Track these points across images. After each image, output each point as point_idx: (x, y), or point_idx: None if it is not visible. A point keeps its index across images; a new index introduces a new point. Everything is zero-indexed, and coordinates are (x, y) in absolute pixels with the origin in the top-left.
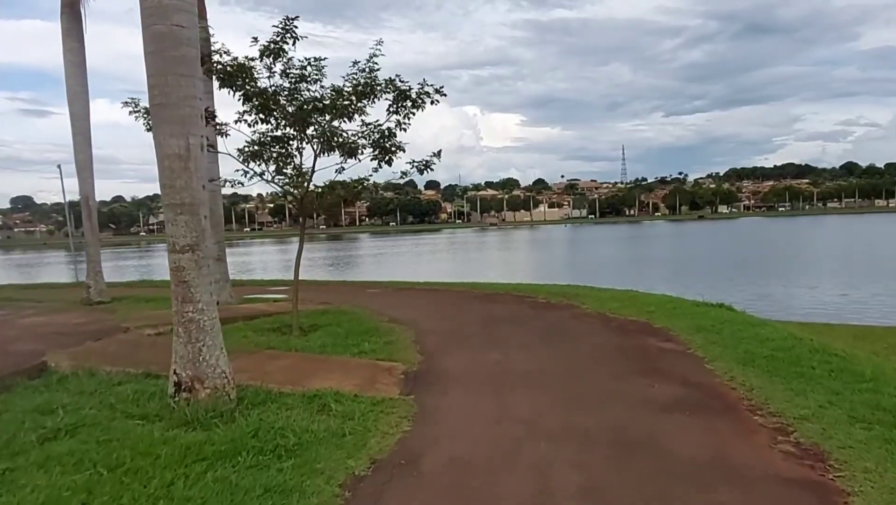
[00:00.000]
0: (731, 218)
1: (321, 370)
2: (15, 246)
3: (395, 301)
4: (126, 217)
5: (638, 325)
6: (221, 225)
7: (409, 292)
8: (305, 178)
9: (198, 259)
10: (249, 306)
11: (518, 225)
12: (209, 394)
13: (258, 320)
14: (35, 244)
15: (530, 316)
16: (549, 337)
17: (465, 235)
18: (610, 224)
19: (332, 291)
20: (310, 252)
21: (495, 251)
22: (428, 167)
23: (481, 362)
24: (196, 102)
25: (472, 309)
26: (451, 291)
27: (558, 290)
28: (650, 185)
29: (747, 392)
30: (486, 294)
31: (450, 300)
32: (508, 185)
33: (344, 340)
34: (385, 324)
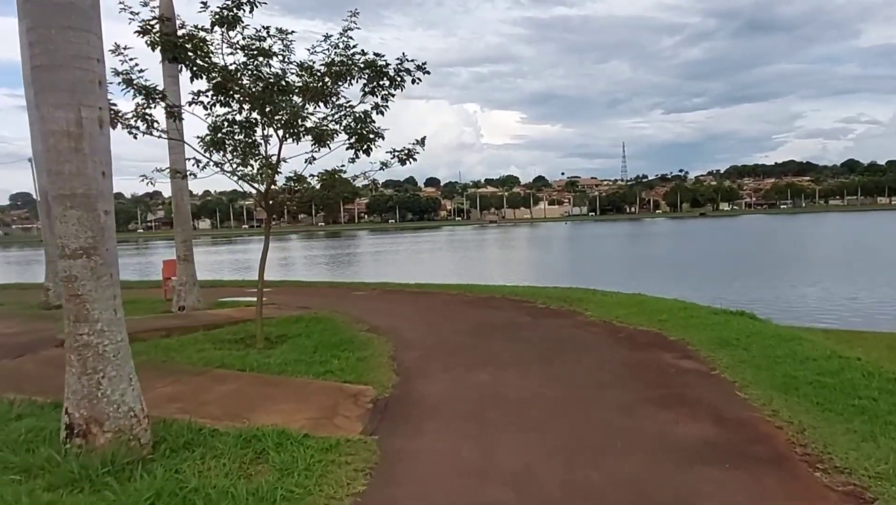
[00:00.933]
0: (732, 215)
1: (273, 398)
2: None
3: (380, 306)
4: (124, 214)
5: (649, 336)
6: (189, 223)
7: (398, 296)
8: (272, 169)
9: (95, 266)
10: (217, 312)
11: (518, 222)
12: (110, 439)
13: (222, 329)
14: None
15: (528, 325)
16: (548, 352)
17: (465, 233)
18: (610, 221)
19: (316, 293)
20: (305, 250)
21: (494, 250)
22: (411, 156)
23: (467, 386)
24: (92, 65)
25: (464, 316)
26: (444, 295)
27: (559, 293)
28: (651, 183)
29: (797, 434)
30: (481, 298)
31: (440, 305)
32: (508, 183)
33: (311, 356)
34: (363, 334)
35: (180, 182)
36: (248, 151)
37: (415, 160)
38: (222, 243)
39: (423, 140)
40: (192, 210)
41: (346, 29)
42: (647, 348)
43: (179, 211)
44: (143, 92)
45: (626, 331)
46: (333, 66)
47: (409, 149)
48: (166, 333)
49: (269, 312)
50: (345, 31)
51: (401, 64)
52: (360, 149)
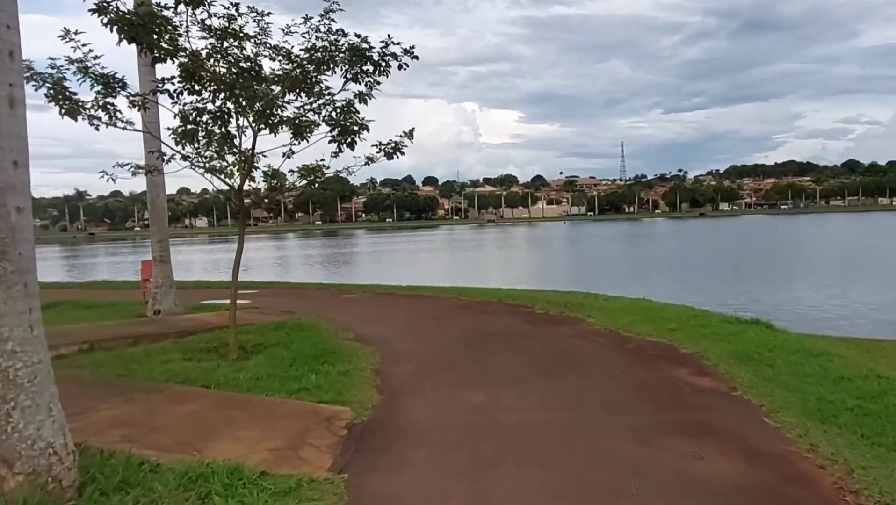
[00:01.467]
0: (732, 216)
1: (236, 422)
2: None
3: (369, 311)
4: (121, 212)
5: (659, 348)
6: (165, 221)
7: (389, 299)
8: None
9: (3, 274)
10: (194, 317)
11: (516, 222)
12: (22, 483)
13: (195, 337)
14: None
15: (527, 334)
16: (550, 366)
17: (462, 232)
18: (609, 221)
19: (304, 296)
20: (300, 249)
21: (491, 250)
22: (398, 150)
23: (459, 408)
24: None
25: (458, 322)
26: (438, 298)
27: (559, 298)
28: (650, 182)
29: (845, 476)
30: (477, 302)
31: (433, 310)
32: (507, 182)
33: (286, 370)
34: (348, 343)
35: (155, 178)
36: (223, 144)
37: (402, 154)
38: (219, 241)
39: (411, 132)
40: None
41: (328, 10)
42: (659, 363)
43: (155, 208)
44: (100, 81)
45: (633, 341)
46: (314, 51)
47: (396, 142)
48: (133, 341)
49: (249, 318)
50: (326, 13)
51: (386, 47)
52: (344, 142)
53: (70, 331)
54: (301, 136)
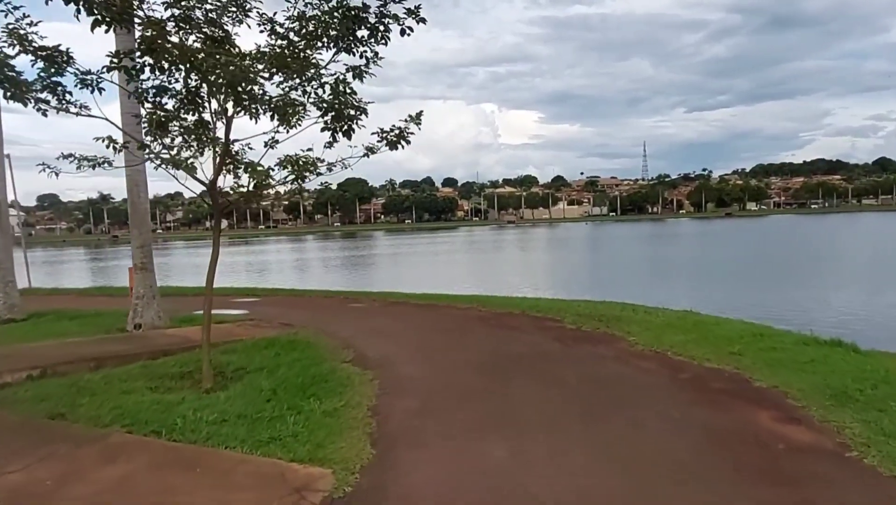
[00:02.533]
0: (760, 215)
1: (174, 493)
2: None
3: (376, 324)
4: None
5: (724, 379)
6: (147, 224)
7: (401, 309)
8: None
9: None
10: (177, 332)
11: (536, 223)
12: None
13: (171, 358)
14: (55, 241)
15: (557, 356)
16: (588, 404)
17: (482, 234)
18: (632, 222)
19: (309, 305)
20: (316, 252)
21: (512, 252)
22: (402, 138)
23: (474, 469)
24: None
25: (476, 340)
26: (453, 309)
27: (592, 309)
28: (674, 182)
29: None
30: (498, 314)
31: (448, 323)
32: (527, 183)
33: (262, 407)
34: (344, 368)
35: (135, 175)
36: (197, 133)
37: (407, 142)
38: (238, 244)
39: (418, 115)
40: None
41: None
42: (728, 401)
43: (136, 210)
44: (40, 55)
45: (689, 368)
46: (304, 20)
47: (401, 128)
48: (96, 364)
49: (240, 332)
50: None
51: (384, 6)
52: (339, 130)
53: (27, 352)
54: (286, 123)
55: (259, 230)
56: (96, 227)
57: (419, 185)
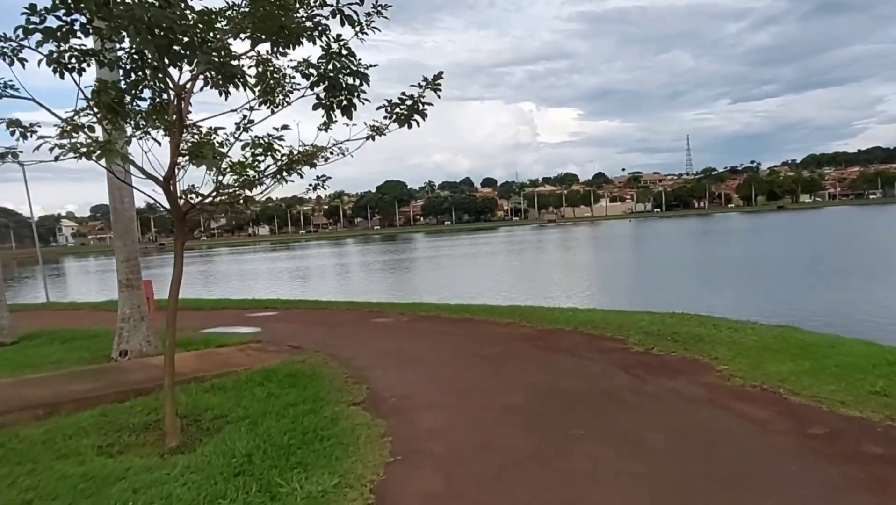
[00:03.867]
0: (815, 207)
1: None
2: (90, 252)
3: (401, 345)
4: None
5: (880, 437)
6: (133, 234)
7: (432, 325)
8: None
9: None
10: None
11: (578, 221)
12: None
13: (143, 401)
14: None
15: (626, 396)
16: (688, 492)
17: (523, 234)
18: (678, 218)
19: (328, 319)
20: (353, 256)
21: (555, 253)
22: (416, 111)
23: None
24: None
25: (520, 371)
26: (493, 325)
27: (660, 325)
28: (721, 175)
29: None
30: (546, 332)
31: (486, 344)
32: (567, 181)
33: (227, 484)
34: (350, 413)
35: (123, 195)
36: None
37: (423, 116)
38: (280, 249)
39: (436, 78)
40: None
41: None
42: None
43: (118, 217)
44: None
45: (819, 418)
46: None
47: (413, 97)
48: (48, 410)
49: (238, 360)
50: None
51: None
52: (334, 105)
53: None
54: (269, 99)
55: (300, 234)
56: (143, 236)
57: (458, 186)
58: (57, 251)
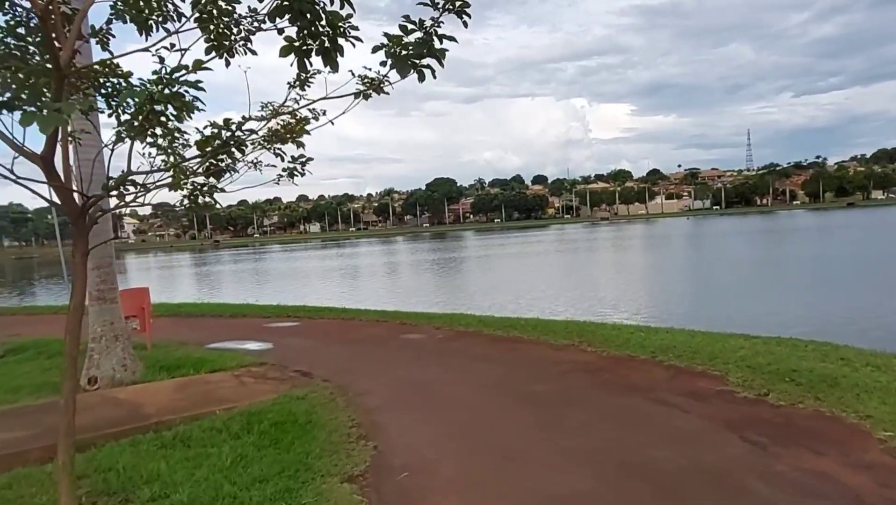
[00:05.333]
0: (889, 204)
1: None
2: (149, 249)
3: (429, 376)
4: (242, 219)
5: None
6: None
7: (469, 345)
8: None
9: None
10: (136, 395)
11: (632, 219)
12: None
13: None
14: (164, 246)
15: (752, 483)
16: None
17: (575, 231)
18: (740, 215)
19: (352, 334)
20: (401, 255)
21: (612, 253)
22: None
23: None
24: None
25: (584, 422)
26: (544, 348)
27: (764, 354)
28: (786, 171)
29: None
30: (612, 360)
31: (537, 380)
32: (620, 178)
33: None
34: (340, 495)
35: (84, 169)
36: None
37: (441, 59)
38: (331, 246)
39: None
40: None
41: None
42: None
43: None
44: None
45: None
46: None
47: (426, 28)
48: None
49: (224, 392)
50: None
51: None
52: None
53: None
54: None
55: (350, 232)
56: (199, 233)
57: (508, 183)
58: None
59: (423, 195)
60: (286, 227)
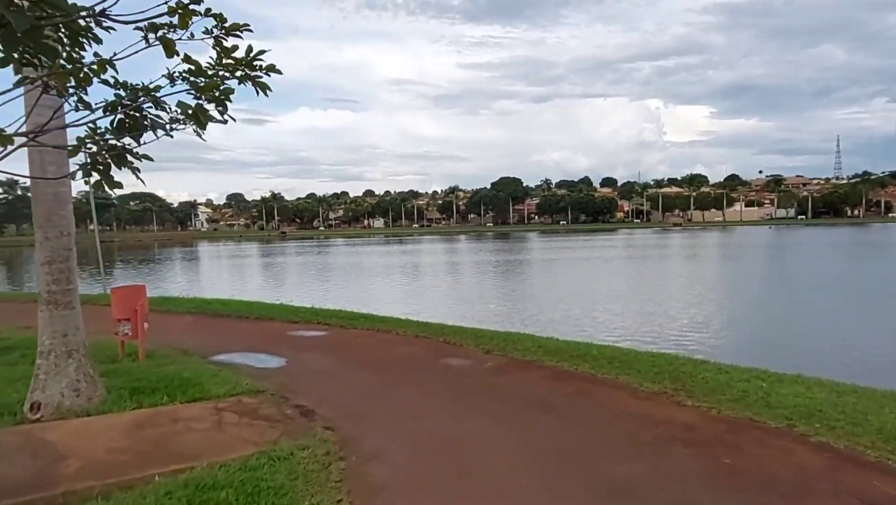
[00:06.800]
0: None
1: None
2: (220, 238)
3: (467, 429)
4: (308, 212)
5: None
6: (64, 219)
7: (525, 383)
8: None
9: None
10: (78, 431)
11: (707, 226)
12: None
13: None
14: (233, 236)
15: None
16: None
17: (645, 237)
18: (828, 227)
19: (386, 350)
20: (463, 254)
21: (689, 264)
22: None
23: None
24: None
25: None
26: (625, 395)
27: None
28: (881, 180)
29: None
30: (727, 426)
31: (618, 455)
32: (696, 182)
33: None
34: None
35: (40, 155)
36: None
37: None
38: (393, 242)
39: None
40: (367, 209)
41: None
42: None
43: (39, 197)
44: None
45: None
46: None
47: None
48: None
49: (195, 441)
50: None
51: None
52: None
53: None
54: None
55: (413, 228)
56: (268, 224)
57: (576, 185)
58: (192, 235)
59: (488, 194)
60: (350, 222)
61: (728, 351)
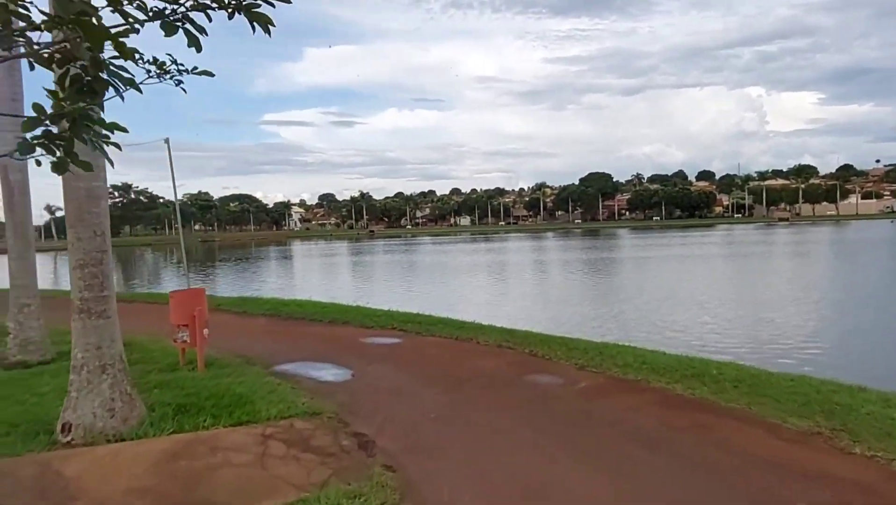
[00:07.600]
0: None
1: None
2: (312, 236)
3: (556, 475)
4: (396, 211)
5: None
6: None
7: (624, 404)
8: None
9: None
10: (101, 462)
11: (816, 220)
12: None
13: None
14: (324, 235)
15: None
16: None
17: (747, 233)
18: None
19: (463, 362)
20: (551, 252)
21: (804, 261)
22: None
23: None
24: None
25: None
26: (761, 434)
27: None
28: None
29: None
30: None
31: None
32: (804, 174)
33: None
34: None
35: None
36: None
37: None
38: (479, 240)
39: None
40: (453, 207)
41: None
42: None
43: (70, 196)
44: None
45: None
46: None
47: None
48: None
49: (229, 479)
50: None
51: None
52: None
53: None
54: None
55: (499, 226)
56: (357, 223)
57: (669, 179)
58: (286, 234)
59: (576, 190)
60: (437, 220)
61: (878, 373)
